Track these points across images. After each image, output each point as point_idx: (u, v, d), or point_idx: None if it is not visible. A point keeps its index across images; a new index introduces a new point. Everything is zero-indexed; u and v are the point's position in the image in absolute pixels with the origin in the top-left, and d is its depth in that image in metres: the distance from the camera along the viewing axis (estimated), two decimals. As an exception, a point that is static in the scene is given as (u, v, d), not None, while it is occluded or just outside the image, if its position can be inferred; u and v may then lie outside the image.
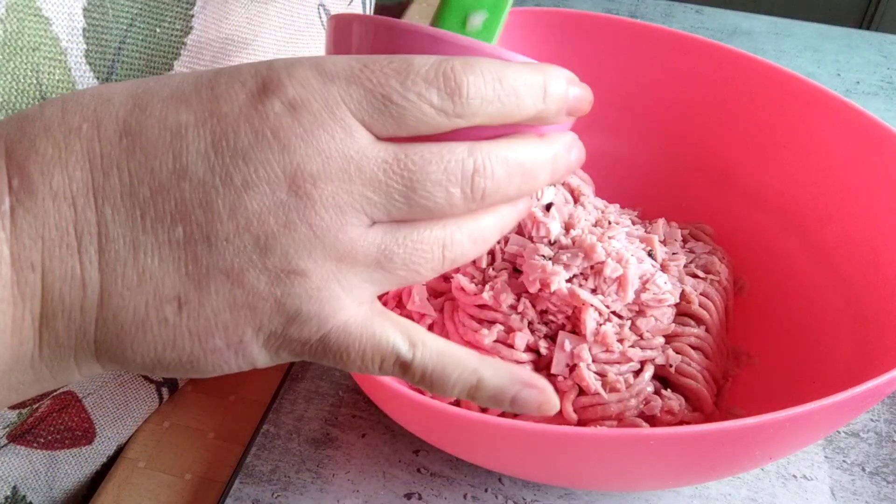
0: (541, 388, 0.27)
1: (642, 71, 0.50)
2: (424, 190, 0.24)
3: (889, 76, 0.72)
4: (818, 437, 0.40)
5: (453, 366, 0.26)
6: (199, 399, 0.45)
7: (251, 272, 0.23)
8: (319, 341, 0.24)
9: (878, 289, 0.40)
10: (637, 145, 0.52)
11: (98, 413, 0.42)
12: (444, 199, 0.24)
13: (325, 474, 0.40)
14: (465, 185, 0.24)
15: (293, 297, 0.23)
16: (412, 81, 0.23)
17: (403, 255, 0.25)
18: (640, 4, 0.80)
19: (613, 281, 0.40)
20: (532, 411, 0.27)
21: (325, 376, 0.45)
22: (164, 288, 0.23)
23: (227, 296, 0.23)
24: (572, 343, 0.39)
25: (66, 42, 0.29)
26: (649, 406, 0.39)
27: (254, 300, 0.23)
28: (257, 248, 0.23)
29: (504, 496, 0.39)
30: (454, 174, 0.24)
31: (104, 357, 0.24)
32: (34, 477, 0.39)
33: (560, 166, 0.27)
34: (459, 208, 0.25)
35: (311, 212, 0.23)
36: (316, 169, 0.22)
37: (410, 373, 0.26)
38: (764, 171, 0.48)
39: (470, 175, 0.24)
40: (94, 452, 0.42)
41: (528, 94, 0.25)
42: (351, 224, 0.23)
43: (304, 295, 0.23)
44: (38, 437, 0.39)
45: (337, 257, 0.23)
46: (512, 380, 0.26)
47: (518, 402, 0.27)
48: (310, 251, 0.23)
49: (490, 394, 0.26)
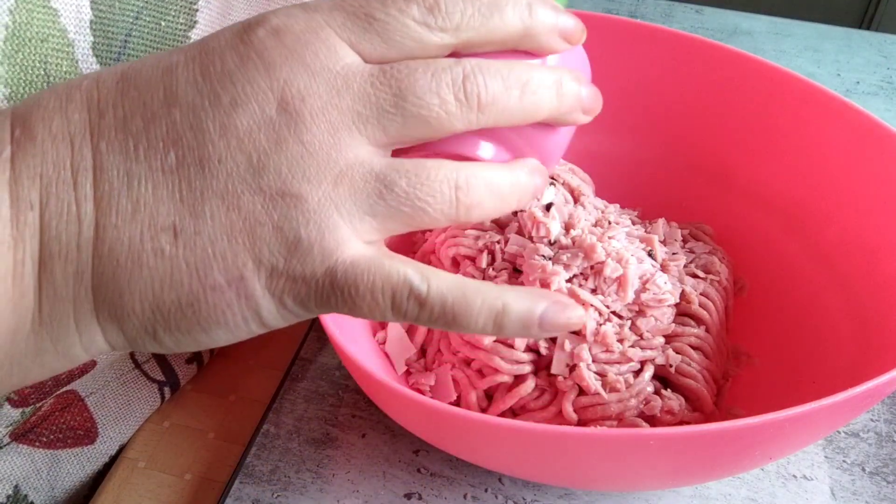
0: (566, 302, 0.25)
1: (642, 71, 0.50)
2: (415, 96, 0.23)
3: (889, 76, 0.72)
4: (818, 437, 0.40)
5: (474, 293, 0.24)
6: (199, 399, 0.45)
7: (246, 194, 0.22)
8: (325, 276, 0.23)
9: (879, 289, 0.40)
10: (637, 145, 0.52)
11: (100, 413, 0.42)
12: (439, 107, 0.23)
13: (325, 474, 0.40)
14: (457, 90, 0.23)
15: (291, 221, 0.23)
16: (392, 0, 0.23)
17: (407, 187, 0.23)
18: (640, 4, 0.80)
19: (613, 281, 0.40)
20: (561, 327, 0.25)
21: (325, 376, 0.45)
22: (158, 216, 0.22)
23: (223, 221, 0.22)
24: (572, 343, 0.39)
25: (74, 34, 0.30)
26: (649, 406, 0.39)
27: (251, 225, 0.23)
28: (250, 168, 0.22)
29: (504, 496, 0.39)
30: (444, 80, 0.23)
31: (103, 309, 0.23)
32: (36, 476, 0.39)
33: (567, 91, 0.26)
34: (460, 119, 0.24)
35: (301, 127, 0.22)
36: (303, 85, 0.22)
37: (428, 307, 0.24)
38: (764, 171, 0.48)
39: (460, 81, 0.24)
40: (96, 452, 0.42)
41: (511, 7, 0.24)
42: (344, 142, 0.23)
43: (301, 220, 0.23)
44: (40, 436, 0.39)
45: (333, 178, 0.23)
46: (535, 298, 0.25)
47: (546, 320, 0.25)
48: (304, 170, 0.22)
49: (517, 317, 0.25)
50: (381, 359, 0.42)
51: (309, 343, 0.47)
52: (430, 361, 0.43)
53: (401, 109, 0.23)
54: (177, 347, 0.25)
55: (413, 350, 0.43)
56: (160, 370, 0.44)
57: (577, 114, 0.27)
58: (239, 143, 0.22)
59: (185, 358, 0.45)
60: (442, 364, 0.42)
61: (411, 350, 0.43)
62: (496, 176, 0.25)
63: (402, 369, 0.42)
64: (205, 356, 0.46)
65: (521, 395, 0.39)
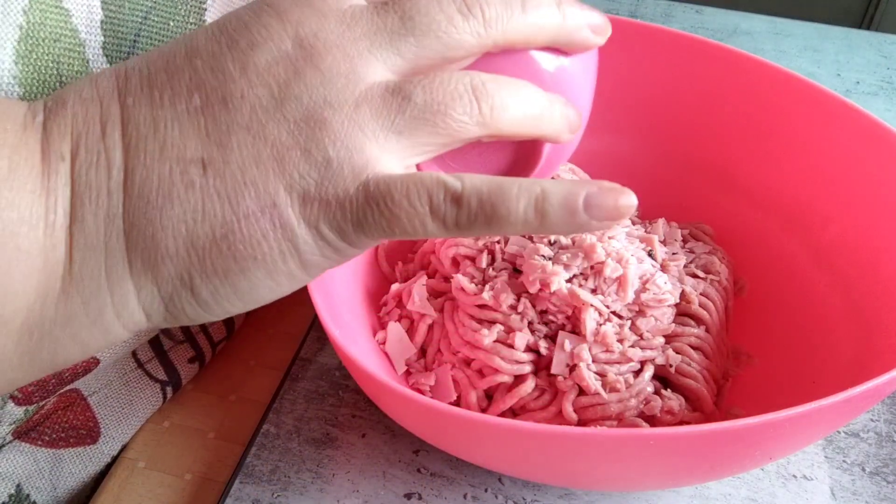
0: (610, 187, 0.24)
1: (642, 71, 0.50)
2: (420, 14, 0.24)
3: (889, 76, 0.72)
4: (818, 437, 0.40)
5: (510, 183, 0.23)
6: (199, 399, 0.45)
7: (271, 123, 0.23)
8: (358, 192, 0.23)
9: (879, 288, 0.40)
10: (637, 145, 0.52)
11: (103, 412, 0.42)
12: (446, 21, 0.24)
13: (325, 474, 0.40)
14: (459, 6, 0.24)
15: (317, 143, 0.23)
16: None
17: (424, 96, 0.24)
18: (640, 4, 0.80)
19: (613, 281, 0.40)
20: (611, 211, 0.24)
21: (325, 376, 0.45)
22: (186, 151, 0.23)
23: (251, 150, 0.23)
24: (572, 343, 0.39)
25: (85, 34, 0.30)
26: (649, 406, 0.39)
27: (279, 151, 0.23)
28: (273, 99, 0.23)
29: (504, 496, 0.39)
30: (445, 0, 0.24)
31: (136, 255, 0.23)
32: (38, 475, 0.39)
33: (568, 4, 0.26)
34: (468, 32, 0.25)
35: (317, 58, 0.23)
36: (315, 24, 0.24)
37: (465, 203, 0.23)
38: (764, 171, 0.48)
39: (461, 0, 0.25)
40: (98, 452, 0.42)
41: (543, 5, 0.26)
42: (361, 67, 0.24)
43: (327, 140, 0.23)
44: (42, 435, 0.39)
45: (353, 101, 0.23)
46: (576, 184, 0.24)
47: (592, 203, 0.24)
48: (324, 95, 0.23)
49: (559, 200, 0.23)
50: (381, 359, 0.42)
51: (309, 343, 0.47)
52: (430, 361, 0.43)
53: (410, 29, 0.24)
54: (215, 303, 0.24)
55: (413, 350, 0.43)
56: (163, 370, 0.44)
57: (586, 32, 0.27)
58: (259, 77, 0.23)
59: (188, 357, 0.45)
60: (442, 364, 0.42)
61: (411, 350, 0.43)
62: (516, 84, 0.26)
63: (402, 369, 0.42)
64: (207, 356, 0.46)
65: (521, 395, 0.39)
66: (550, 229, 0.24)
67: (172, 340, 0.44)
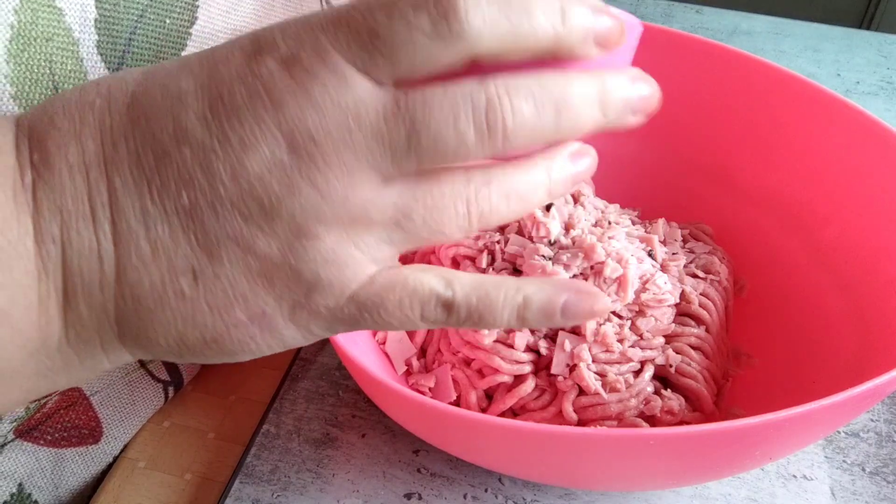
0: (587, 291, 0.25)
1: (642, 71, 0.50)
2: (429, 134, 0.21)
3: (889, 76, 0.72)
4: (818, 437, 0.40)
5: (496, 290, 0.24)
6: (199, 399, 0.45)
7: (261, 239, 0.22)
8: (349, 303, 0.23)
9: (878, 289, 0.40)
10: (637, 145, 0.52)
11: (105, 411, 0.42)
12: (455, 141, 0.22)
13: (325, 474, 0.40)
14: (479, 123, 0.21)
15: (308, 263, 0.22)
16: (398, 9, 0.21)
17: (423, 213, 0.23)
18: (640, 4, 0.80)
19: (613, 281, 0.40)
20: (585, 316, 0.25)
21: (325, 376, 0.45)
22: (177, 259, 0.22)
23: (240, 265, 0.22)
24: (572, 343, 0.39)
25: (79, 33, 0.30)
26: (649, 406, 0.39)
27: (268, 268, 0.22)
28: (263, 213, 0.22)
29: (504, 496, 0.39)
30: (464, 111, 0.21)
31: (129, 340, 0.24)
32: (40, 474, 0.39)
33: (613, 101, 0.24)
34: (478, 150, 0.22)
35: (314, 172, 0.21)
36: (312, 125, 0.21)
37: (455, 311, 0.24)
38: (764, 171, 0.48)
39: (483, 110, 0.21)
40: (100, 452, 0.42)
41: (541, 9, 0.22)
42: (360, 182, 0.22)
43: (319, 259, 0.22)
44: (45, 434, 0.39)
45: (350, 219, 0.22)
46: (556, 289, 0.25)
47: (569, 310, 0.24)
48: (317, 215, 0.22)
49: (539, 307, 0.24)
50: (381, 359, 0.42)
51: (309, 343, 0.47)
52: (430, 361, 0.43)
53: (415, 148, 0.22)
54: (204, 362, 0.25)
55: (413, 350, 0.43)
56: (165, 370, 0.44)
57: (627, 118, 0.25)
58: (251, 187, 0.22)
59: None
60: (442, 364, 0.42)
61: (411, 350, 0.43)
62: (511, 178, 0.24)
63: (402, 369, 0.42)
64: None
65: (521, 395, 0.39)
66: (528, 327, 0.26)
67: None
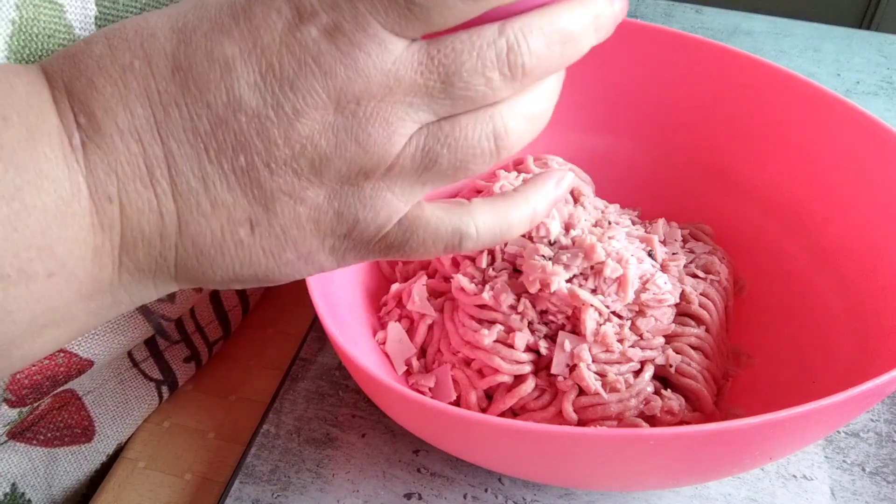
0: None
1: (642, 71, 0.50)
2: (462, 81, 0.24)
3: (889, 76, 0.72)
4: (818, 437, 0.40)
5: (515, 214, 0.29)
6: (199, 399, 0.45)
7: (310, 190, 0.25)
8: (380, 241, 0.27)
9: (878, 289, 0.40)
10: (637, 145, 0.52)
11: (98, 411, 0.42)
12: (485, 86, 0.25)
13: (325, 474, 0.40)
14: (502, 67, 0.24)
15: (350, 207, 0.26)
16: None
17: (449, 155, 0.25)
18: (640, 4, 0.80)
19: (613, 281, 0.40)
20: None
21: (325, 376, 0.45)
22: (235, 212, 0.25)
23: (292, 214, 0.25)
24: (572, 343, 0.39)
25: (80, 30, 0.30)
26: (649, 406, 0.39)
27: (317, 214, 0.25)
28: (313, 169, 0.24)
29: (504, 496, 0.39)
30: (489, 58, 0.24)
31: (183, 278, 0.26)
32: (33, 474, 0.39)
33: (604, 23, 0.27)
34: (504, 91, 0.25)
35: (358, 130, 0.24)
36: (358, 89, 0.24)
37: (481, 243, 0.29)
38: (764, 170, 0.48)
39: (505, 55, 0.24)
40: (93, 450, 0.42)
41: None
42: (397, 133, 0.25)
43: (358, 204, 0.26)
44: (37, 435, 0.39)
45: (386, 167, 0.25)
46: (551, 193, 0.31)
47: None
48: (360, 166, 0.25)
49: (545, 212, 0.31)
50: (381, 359, 0.42)
51: (309, 343, 0.47)
52: (430, 362, 0.43)
53: (449, 95, 0.24)
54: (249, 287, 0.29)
55: (413, 350, 0.43)
56: (158, 369, 0.44)
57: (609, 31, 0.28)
58: (302, 148, 0.24)
59: (183, 357, 0.45)
60: (442, 364, 0.42)
61: (411, 350, 0.43)
62: (530, 104, 0.26)
63: (402, 369, 0.42)
64: (203, 356, 0.46)
65: (521, 395, 0.39)
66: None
67: (168, 341, 0.44)
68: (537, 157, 0.50)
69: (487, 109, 0.25)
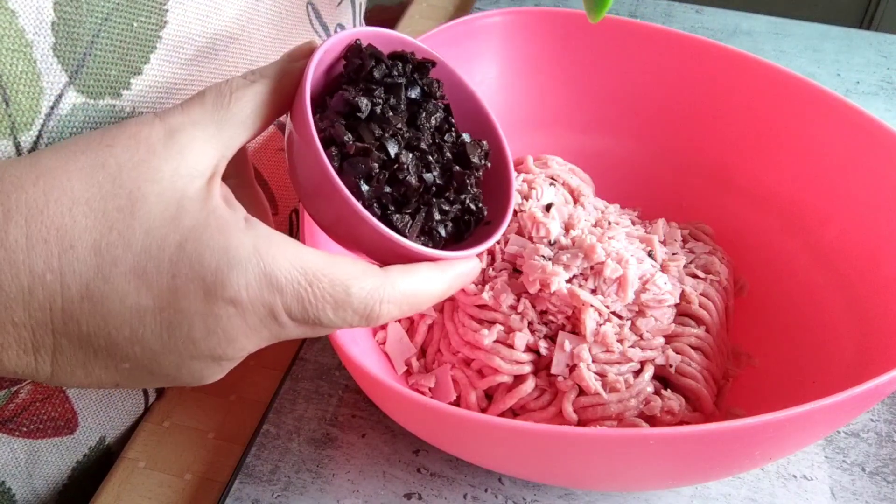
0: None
1: (642, 71, 0.50)
2: (324, 328, 0.29)
3: (889, 76, 0.72)
4: (818, 437, 0.40)
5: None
6: (199, 399, 0.45)
7: (171, 380, 0.29)
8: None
9: (878, 289, 0.40)
10: (637, 145, 0.52)
11: (81, 403, 0.41)
12: (343, 323, 0.29)
13: (325, 474, 0.40)
14: (363, 321, 0.29)
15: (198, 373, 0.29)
16: (343, 311, 0.28)
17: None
18: (640, 4, 0.80)
19: (613, 281, 0.40)
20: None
21: (325, 376, 0.45)
22: (106, 382, 0.28)
23: (155, 382, 0.29)
24: (572, 343, 0.39)
25: (32, 35, 0.30)
26: (649, 406, 0.39)
27: (172, 381, 0.29)
28: (180, 379, 0.29)
29: (504, 496, 0.39)
30: (352, 319, 0.29)
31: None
32: (14, 465, 0.39)
33: (454, 287, 0.32)
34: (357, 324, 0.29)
35: (226, 364, 0.29)
36: (252, 348, 0.29)
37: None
38: (764, 171, 0.48)
39: (366, 317, 0.29)
40: (75, 442, 0.42)
41: (429, 303, 0.31)
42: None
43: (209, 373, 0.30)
44: (20, 426, 0.39)
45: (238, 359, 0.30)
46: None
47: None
48: (212, 376, 0.30)
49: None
50: (381, 359, 0.42)
51: (309, 343, 0.47)
52: (430, 362, 0.43)
53: (315, 330, 0.29)
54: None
55: (413, 350, 0.43)
56: None
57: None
58: (189, 371, 0.28)
59: None
60: (442, 364, 0.42)
61: (411, 350, 0.43)
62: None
63: (402, 369, 0.42)
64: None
65: (521, 395, 0.39)
66: None
67: None
68: (537, 157, 0.50)
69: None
